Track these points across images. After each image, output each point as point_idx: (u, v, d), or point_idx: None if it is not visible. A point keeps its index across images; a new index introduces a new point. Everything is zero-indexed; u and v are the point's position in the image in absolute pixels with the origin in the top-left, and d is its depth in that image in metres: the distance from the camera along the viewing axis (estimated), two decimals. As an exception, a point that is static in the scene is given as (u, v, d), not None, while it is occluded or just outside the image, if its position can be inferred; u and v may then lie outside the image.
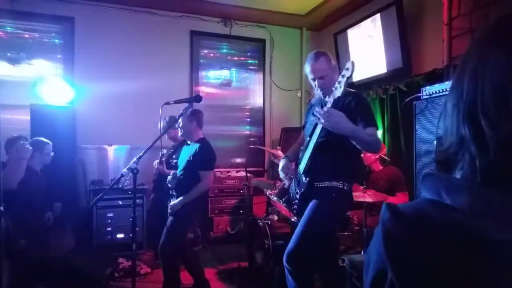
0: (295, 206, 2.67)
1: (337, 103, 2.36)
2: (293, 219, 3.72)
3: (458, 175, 0.56)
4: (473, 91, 0.53)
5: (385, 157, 3.97)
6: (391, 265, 0.51)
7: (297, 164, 2.72)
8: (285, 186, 2.82)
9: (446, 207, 0.52)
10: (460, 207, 0.50)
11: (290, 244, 2.48)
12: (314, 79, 2.57)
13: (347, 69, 2.27)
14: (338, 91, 2.29)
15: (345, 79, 2.27)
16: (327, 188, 2.49)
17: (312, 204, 2.50)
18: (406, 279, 0.50)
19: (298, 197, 2.62)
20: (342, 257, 3.01)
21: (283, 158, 2.80)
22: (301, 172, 2.58)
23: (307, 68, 2.58)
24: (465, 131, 0.53)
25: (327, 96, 2.50)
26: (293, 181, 2.71)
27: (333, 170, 2.49)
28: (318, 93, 2.64)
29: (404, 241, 0.52)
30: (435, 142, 0.62)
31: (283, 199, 2.85)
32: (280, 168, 2.74)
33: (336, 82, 2.32)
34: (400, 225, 0.53)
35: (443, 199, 0.52)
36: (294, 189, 2.69)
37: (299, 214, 2.64)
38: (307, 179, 2.52)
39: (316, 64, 2.53)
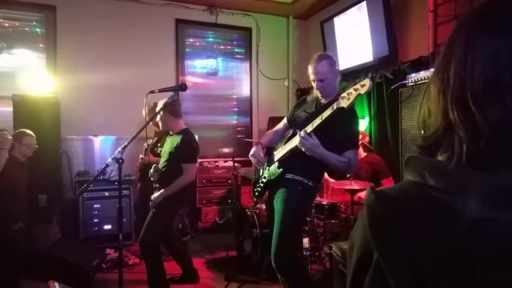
0: (258, 188, 2.84)
1: (335, 113, 2.27)
2: (253, 200, 3.83)
3: (441, 158, 0.56)
4: (461, 77, 0.53)
5: (367, 144, 3.99)
6: (377, 245, 0.52)
7: (268, 150, 2.86)
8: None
9: (430, 188, 0.52)
10: (443, 187, 0.51)
11: (273, 246, 2.50)
12: (313, 80, 2.61)
13: (363, 86, 2.16)
14: (345, 102, 2.20)
15: (356, 93, 2.17)
16: (295, 181, 2.58)
17: (281, 197, 2.56)
18: (392, 258, 0.51)
19: (263, 181, 2.77)
20: (330, 245, 3.03)
21: (255, 144, 2.88)
22: (275, 160, 2.68)
23: (310, 69, 2.61)
24: (454, 116, 0.53)
25: (325, 99, 2.59)
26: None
27: (306, 168, 2.54)
28: (316, 92, 2.67)
29: (389, 221, 0.52)
30: (421, 130, 0.62)
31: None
32: (251, 153, 2.82)
33: (346, 92, 2.22)
34: (385, 206, 0.54)
35: (426, 180, 0.53)
36: (260, 173, 2.84)
37: (258, 197, 2.92)
38: (281, 169, 2.60)
39: (318, 67, 2.55)
